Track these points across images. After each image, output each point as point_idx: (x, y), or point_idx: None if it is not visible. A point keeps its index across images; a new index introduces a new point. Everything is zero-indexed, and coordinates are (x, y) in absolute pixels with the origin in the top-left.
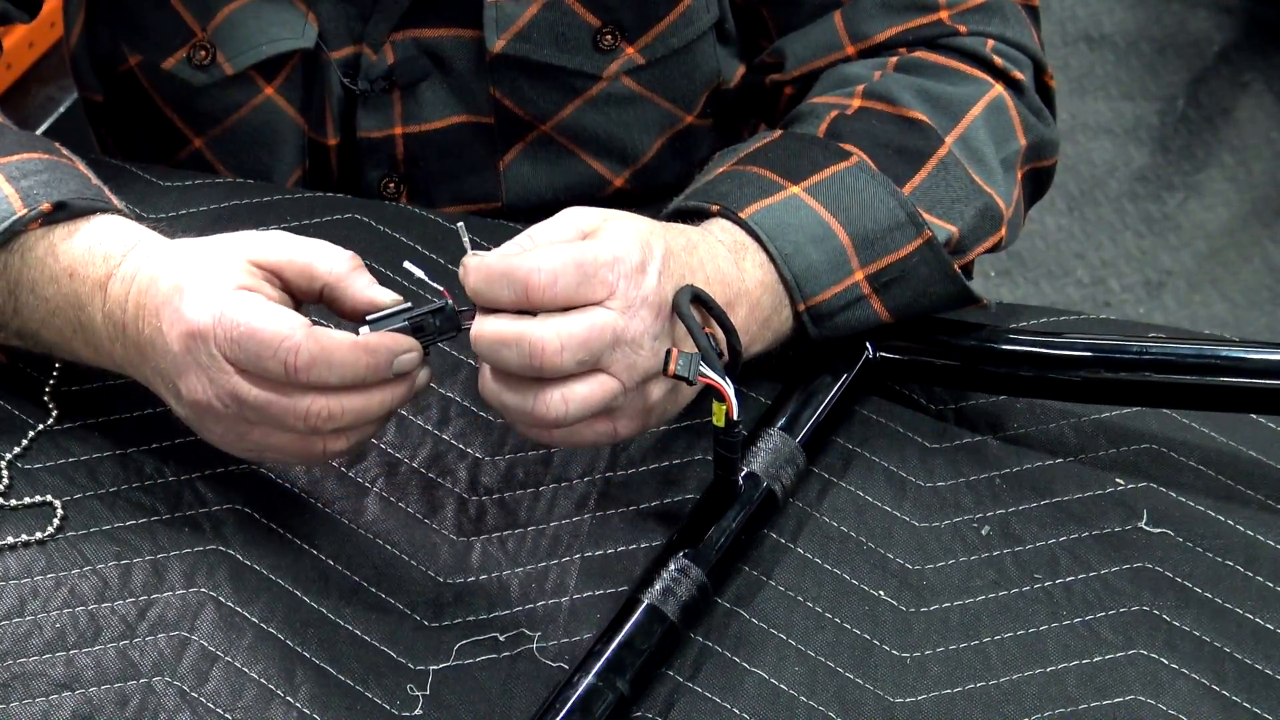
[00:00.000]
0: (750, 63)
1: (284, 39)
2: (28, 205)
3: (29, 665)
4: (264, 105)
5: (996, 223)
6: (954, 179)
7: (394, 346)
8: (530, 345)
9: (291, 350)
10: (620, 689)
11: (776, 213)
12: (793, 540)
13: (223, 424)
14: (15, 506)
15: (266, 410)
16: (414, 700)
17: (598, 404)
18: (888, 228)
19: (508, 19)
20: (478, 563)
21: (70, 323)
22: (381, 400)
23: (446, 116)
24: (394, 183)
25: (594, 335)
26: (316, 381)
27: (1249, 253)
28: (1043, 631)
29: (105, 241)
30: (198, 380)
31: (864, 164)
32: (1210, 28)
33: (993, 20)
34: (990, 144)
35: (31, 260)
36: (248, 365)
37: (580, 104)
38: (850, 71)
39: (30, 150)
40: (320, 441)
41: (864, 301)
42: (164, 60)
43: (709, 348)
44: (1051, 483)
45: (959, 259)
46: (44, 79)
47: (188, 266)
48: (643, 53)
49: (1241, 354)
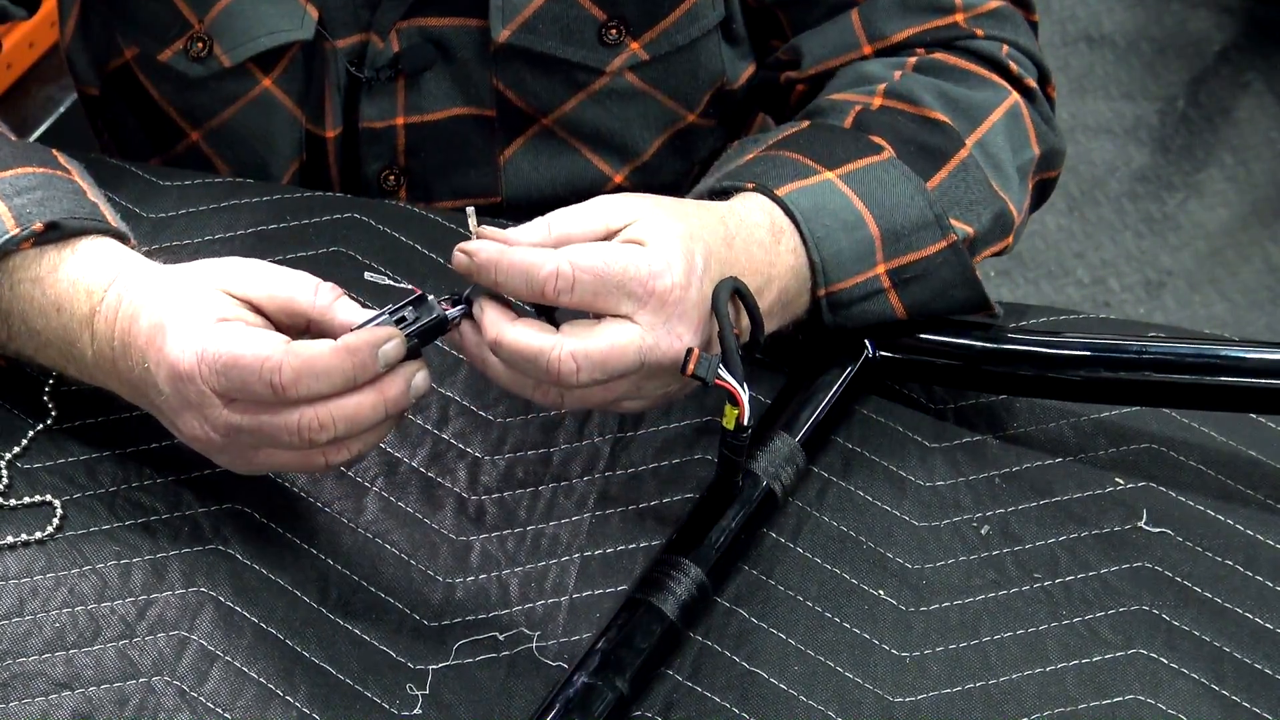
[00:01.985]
0: (763, 61)
1: (283, 30)
2: (20, 224)
3: (29, 665)
4: (261, 97)
5: (1008, 229)
6: (973, 181)
7: (373, 339)
8: (547, 365)
9: (274, 370)
10: (620, 688)
11: (812, 194)
12: (793, 540)
13: (226, 454)
14: (15, 506)
15: (261, 433)
16: (414, 700)
17: (607, 402)
18: (916, 225)
19: (514, 9)
20: (477, 562)
21: (63, 354)
22: (374, 403)
23: (448, 108)
24: (393, 175)
25: (614, 355)
26: (306, 394)
27: (1249, 253)
28: (1042, 631)
29: (88, 274)
30: (192, 418)
31: (895, 160)
32: (1210, 28)
33: (1005, 26)
34: (1007, 151)
35: (20, 292)
36: (236, 394)
37: (583, 98)
38: (869, 70)
39: (26, 164)
40: (320, 455)
41: (882, 295)
42: (160, 52)
43: (734, 350)
44: (1051, 482)
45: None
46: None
47: (167, 303)
48: (647, 48)
49: (1241, 354)
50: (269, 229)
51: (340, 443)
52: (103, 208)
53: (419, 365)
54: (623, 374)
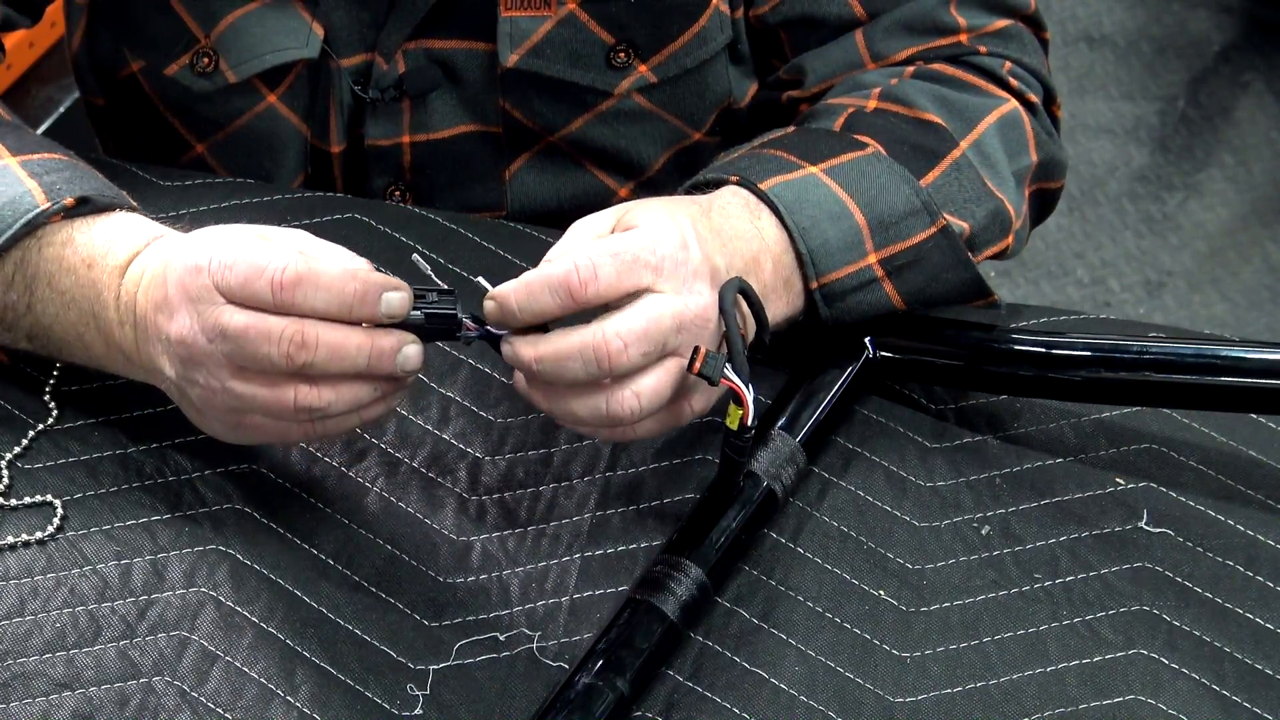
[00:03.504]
0: (765, 80)
1: (288, 48)
2: (51, 199)
3: (29, 665)
4: (266, 113)
5: (1006, 228)
6: (967, 180)
7: (382, 281)
8: (595, 352)
9: (279, 269)
10: (620, 689)
11: (795, 187)
12: (793, 540)
13: (204, 370)
14: (15, 506)
15: (245, 339)
16: (414, 700)
17: (669, 390)
18: (903, 214)
19: (522, 34)
20: (478, 562)
21: (85, 314)
22: (359, 344)
23: (455, 126)
24: (399, 190)
25: (654, 325)
26: (302, 302)
27: (1249, 253)
28: (1043, 631)
29: (127, 233)
30: (186, 314)
31: (880, 154)
32: (1210, 28)
33: (1010, 45)
34: (1003, 153)
35: (49, 254)
36: (237, 291)
37: (590, 118)
38: (866, 78)
39: (50, 150)
40: (291, 389)
41: (877, 284)
42: (166, 67)
43: (742, 350)
44: (1051, 483)
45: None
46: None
47: (196, 235)
48: (655, 71)
49: (1241, 354)
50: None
51: (314, 383)
52: (125, 195)
53: (416, 340)
54: (663, 342)
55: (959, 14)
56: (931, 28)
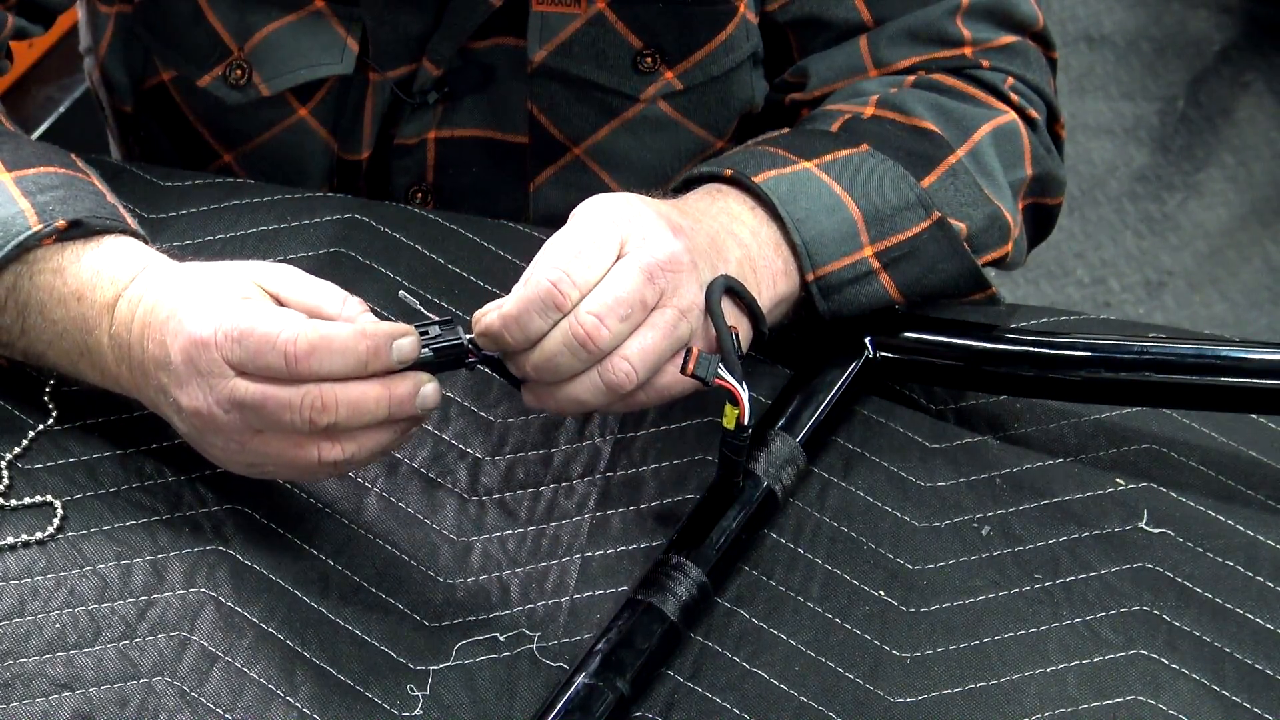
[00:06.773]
0: (771, 82)
1: (323, 64)
2: (43, 221)
3: (29, 665)
4: (296, 126)
5: (1004, 234)
6: (963, 185)
7: (390, 330)
8: (576, 339)
9: (291, 340)
10: (620, 689)
11: (789, 181)
12: (793, 540)
13: (222, 435)
14: (15, 506)
15: (263, 408)
16: (414, 700)
17: (663, 344)
18: (898, 207)
19: (551, 30)
20: (478, 563)
21: (77, 345)
22: (378, 396)
23: (480, 127)
24: (421, 192)
25: (621, 289)
26: (317, 369)
27: (1249, 253)
28: (1043, 631)
29: (113, 265)
30: (198, 389)
31: (875, 151)
32: (1210, 28)
33: (1015, 61)
34: (998, 164)
35: (41, 283)
36: (249, 363)
37: (615, 125)
38: (866, 86)
39: (47, 164)
40: (314, 447)
41: (873, 276)
42: (199, 78)
43: (732, 350)
44: (1051, 483)
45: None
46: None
47: (194, 286)
48: (681, 78)
49: (1241, 354)
50: (270, 229)
51: (336, 439)
52: (122, 210)
53: (431, 378)
54: (638, 301)
55: (965, 26)
56: (936, 38)
